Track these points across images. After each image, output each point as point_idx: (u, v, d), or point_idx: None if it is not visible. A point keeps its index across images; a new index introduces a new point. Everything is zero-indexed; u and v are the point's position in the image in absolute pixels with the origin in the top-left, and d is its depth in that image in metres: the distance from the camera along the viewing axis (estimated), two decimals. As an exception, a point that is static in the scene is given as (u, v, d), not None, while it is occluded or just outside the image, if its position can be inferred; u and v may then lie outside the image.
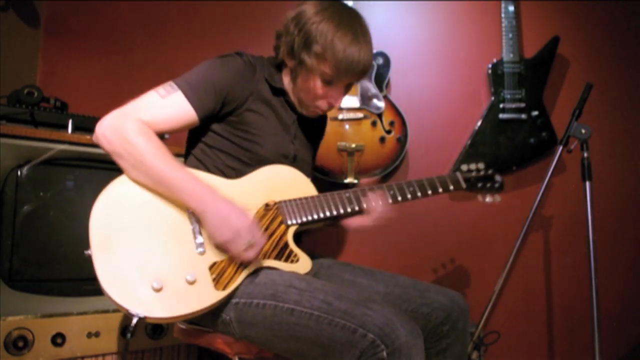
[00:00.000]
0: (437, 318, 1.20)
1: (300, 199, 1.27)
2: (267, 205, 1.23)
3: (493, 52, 2.19)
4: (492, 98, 2.16)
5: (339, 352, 1.00)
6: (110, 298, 1.03)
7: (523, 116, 2.12)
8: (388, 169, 2.12)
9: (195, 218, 1.15)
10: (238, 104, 1.24)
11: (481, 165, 1.46)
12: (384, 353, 0.95)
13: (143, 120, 1.13)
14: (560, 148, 1.82)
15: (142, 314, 1.01)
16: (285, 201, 1.25)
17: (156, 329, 1.59)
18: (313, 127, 1.44)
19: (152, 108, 1.15)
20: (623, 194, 2.20)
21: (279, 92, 1.31)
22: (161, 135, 1.17)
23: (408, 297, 1.23)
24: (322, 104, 1.29)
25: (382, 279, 1.30)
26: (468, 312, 1.25)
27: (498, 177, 1.46)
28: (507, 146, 2.13)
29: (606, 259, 2.04)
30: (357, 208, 1.30)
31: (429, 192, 1.37)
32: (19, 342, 1.37)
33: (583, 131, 1.75)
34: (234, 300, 1.12)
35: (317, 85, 1.24)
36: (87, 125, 1.64)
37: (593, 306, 1.69)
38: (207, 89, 1.19)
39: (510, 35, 2.14)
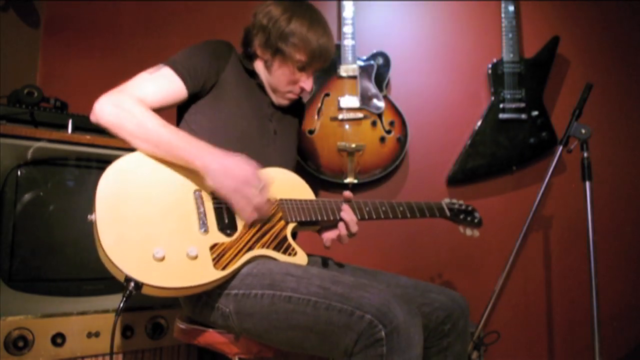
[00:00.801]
0: (438, 317, 1.20)
1: (300, 200, 1.30)
2: (268, 200, 1.24)
3: (493, 52, 2.19)
4: (492, 98, 2.16)
5: (337, 336, 1.00)
6: (109, 261, 1.02)
7: (523, 116, 2.12)
8: (388, 169, 2.12)
9: (202, 200, 1.17)
10: (217, 79, 1.32)
11: (461, 202, 1.57)
12: (382, 333, 0.95)
13: (136, 95, 1.20)
14: (560, 148, 1.82)
15: (141, 280, 1.01)
16: (285, 200, 1.28)
17: (156, 328, 1.59)
18: (289, 112, 1.50)
19: (143, 84, 1.23)
20: (623, 194, 2.20)
21: (252, 74, 1.41)
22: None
23: (409, 297, 1.24)
24: (296, 88, 1.40)
25: (383, 279, 1.30)
26: (468, 312, 1.25)
27: (477, 214, 1.56)
28: (507, 146, 2.14)
29: (606, 259, 2.04)
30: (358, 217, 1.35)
31: (417, 215, 1.44)
32: (19, 342, 1.37)
33: (583, 131, 1.75)
34: (232, 292, 1.13)
35: (292, 71, 1.36)
36: (87, 125, 1.64)
37: (593, 306, 1.69)
38: (193, 65, 1.28)
39: (510, 35, 2.14)
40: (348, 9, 2.15)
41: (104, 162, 1.56)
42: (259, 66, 1.41)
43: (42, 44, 2.24)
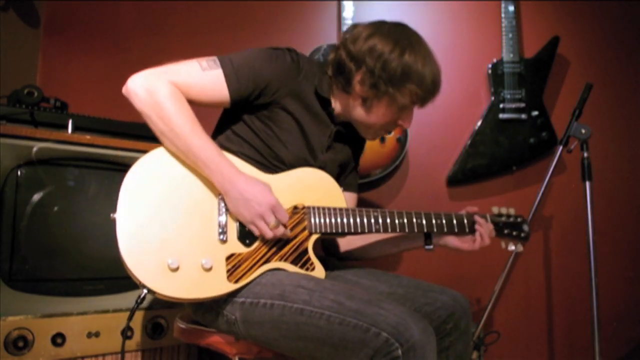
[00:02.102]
0: (440, 317, 1.20)
1: (328, 208, 1.24)
2: (295, 207, 1.22)
3: (493, 52, 2.19)
4: (492, 98, 2.16)
5: (350, 351, 1.00)
6: (125, 266, 1.04)
7: (523, 116, 2.12)
8: (388, 169, 2.12)
9: (226, 207, 1.15)
10: (274, 99, 1.23)
11: (512, 211, 1.44)
12: (399, 351, 0.95)
13: (177, 84, 1.13)
14: (560, 148, 1.82)
15: (153, 289, 1.04)
16: (314, 207, 1.23)
17: (156, 328, 1.59)
18: (351, 144, 1.41)
19: (190, 76, 1.16)
20: (623, 194, 2.20)
21: (324, 101, 1.30)
22: None
23: (411, 296, 1.24)
24: (393, 127, 1.33)
25: (385, 279, 1.30)
26: (470, 311, 1.25)
27: (526, 227, 1.42)
28: (507, 146, 2.14)
29: (606, 259, 2.04)
30: (382, 229, 1.27)
31: (456, 230, 1.35)
32: (19, 342, 1.37)
33: (583, 131, 1.75)
34: (239, 300, 1.12)
35: (397, 112, 1.26)
36: (87, 125, 1.64)
37: (593, 306, 1.69)
38: (249, 75, 1.19)
39: (510, 35, 2.14)
40: (348, 9, 2.15)
41: (104, 162, 1.57)
42: (350, 101, 1.28)
43: (42, 44, 2.24)
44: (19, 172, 1.46)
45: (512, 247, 1.43)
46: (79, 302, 1.50)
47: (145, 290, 1.04)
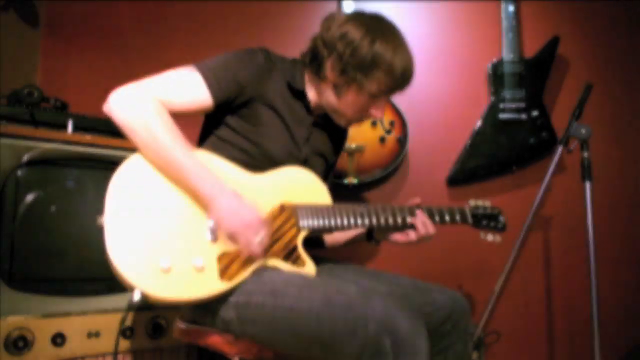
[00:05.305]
0: (439, 317, 1.21)
1: (315, 205, 1.26)
2: (282, 205, 1.23)
3: (493, 52, 2.19)
4: (492, 98, 2.16)
5: (341, 347, 0.99)
6: (116, 270, 1.03)
7: (523, 116, 2.12)
8: (388, 169, 2.12)
9: None
10: (253, 97, 1.25)
11: (488, 203, 1.50)
12: (388, 344, 0.95)
13: (158, 98, 1.13)
14: (560, 148, 1.82)
15: (145, 291, 1.02)
16: (301, 205, 1.25)
17: (156, 329, 1.59)
18: (331, 135, 1.44)
19: (169, 87, 1.17)
20: (623, 194, 2.20)
21: (298, 94, 1.32)
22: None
23: (410, 296, 1.24)
24: (365, 115, 1.32)
25: (383, 279, 1.30)
26: (469, 312, 1.26)
27: (502, 219, 1.49)
28: (507, 146, 2.14)
29: (606, 259, 2.04)
30: (367, 223, 1.31)
31: (437, 219, 1.39)
32: (19, 342, 1.37)
33: (583, 131, 1.75)
34: (233, 299, 1.12)
35: (366, 100, 1.26)
36: (87, 125, 1.64)
37: (593, 306, 1.69)
38: (226, 76, 1.21)
39: (510, 35, 2.14)
40: (348, 9, 2.15)
41: (105, 162, 1.57)
42: (322, 87, 1.30)
43: (42, 44, 2.24)
44: (19, 172, 1.46)
45: (490, 238, 1.48)
46: (79, 302, 1.50)
47: (138, 294, 1.03)
